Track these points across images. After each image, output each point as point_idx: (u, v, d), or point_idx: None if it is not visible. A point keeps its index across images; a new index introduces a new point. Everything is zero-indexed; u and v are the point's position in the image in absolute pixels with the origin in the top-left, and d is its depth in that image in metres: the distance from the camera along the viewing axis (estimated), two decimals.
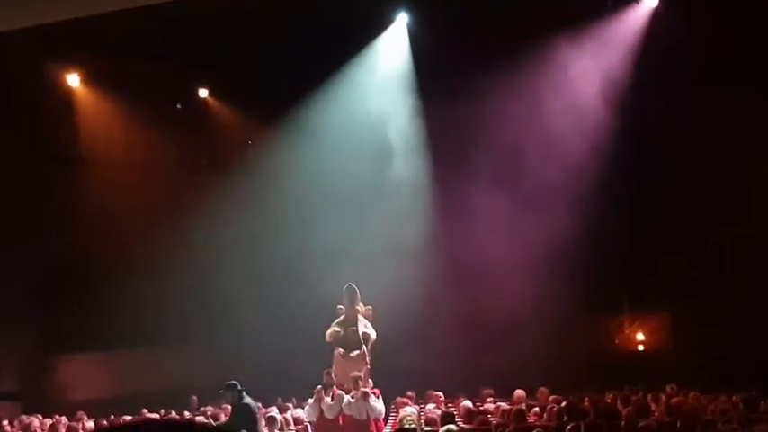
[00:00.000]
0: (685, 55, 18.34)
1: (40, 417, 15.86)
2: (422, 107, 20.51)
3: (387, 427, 15.13)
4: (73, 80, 19.85)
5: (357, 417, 14.44)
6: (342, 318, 15.63)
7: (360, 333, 15.46)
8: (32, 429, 14.96)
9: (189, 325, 19.13)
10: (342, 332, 15.43)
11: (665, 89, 18.83)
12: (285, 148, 20.36)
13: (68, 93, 19.88)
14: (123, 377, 19.73)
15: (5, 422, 15.63)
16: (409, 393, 16.70)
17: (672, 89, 18.77)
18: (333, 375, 14.94)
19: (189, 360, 19.65)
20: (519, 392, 15.91)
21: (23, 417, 15.92)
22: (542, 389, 16.12)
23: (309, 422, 14.89)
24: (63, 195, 19.41)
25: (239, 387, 13.30)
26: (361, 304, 15.80)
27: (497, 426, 13.27)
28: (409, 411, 14.05)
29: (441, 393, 16.75)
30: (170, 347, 19.86)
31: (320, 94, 20.19)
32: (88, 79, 19.86)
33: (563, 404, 13.77)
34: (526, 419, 13.54)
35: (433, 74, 19.98)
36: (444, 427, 11.22)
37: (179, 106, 21.28)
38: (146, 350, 19.86)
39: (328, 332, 15.45)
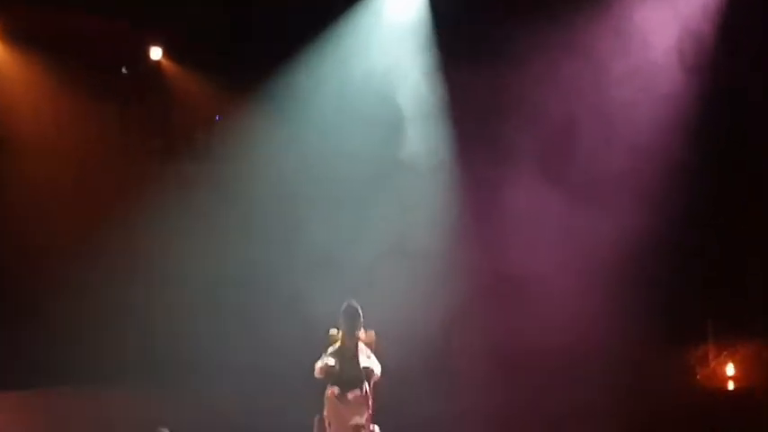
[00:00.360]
0: None
1: None
2: (441, 67, 19.50)
3: None
4: None
5: None
6: (337, 346, 14.18)
7: (361, 367, 14.01)
8: None
9: (131, 356, 18.34)
10: (337, 366, 13.98)
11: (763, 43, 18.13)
12: (263, 123, 19.44)
13: None
14: (42, 424, 18.43)
15: None
16: None
17: None
18: (327, 424, 13.71)
19: (129, 402, 18.36)
20: None
21: None
22: None
23: None
24: None
25: None
26: (362, 329, 14.38)
27: None
28: None
29: None
30: (106, 385, 18.71)
31: (310, 52, 19.30)
32: (7, 35, 19.03)
33: None
34: None
35: (457, 22, 19.18)
36: None
37: (124, 70, 20.34)
38: (75, 389, 18.69)
39: (318, 365, 13.98)
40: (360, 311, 14.19)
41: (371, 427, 13.95)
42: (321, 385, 14.01)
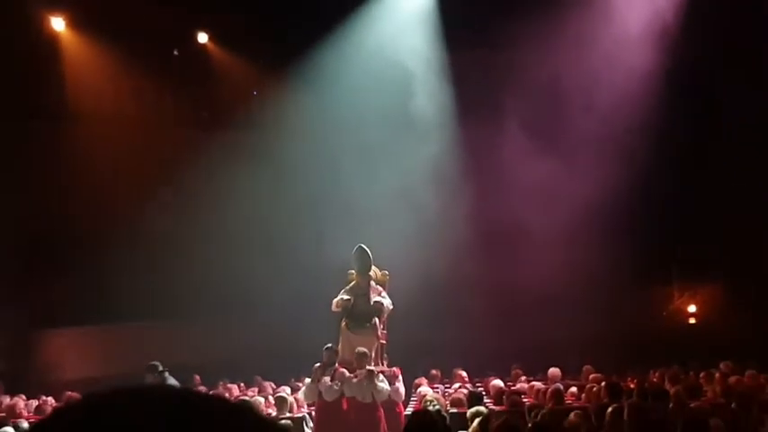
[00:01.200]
0: None
1: (24, 397, 15.59)
2: (447, 48, 20.14)
3: (408, 410, 14.18)
4: (57, 24, 19.52)
5: (361, 399, 13.43)
6: (352, 284, 14.67)
7: (372, 302, 14.47)
8: (17, 411, 14.51)
9: (188, 296, 18.75)
10: (351, 301, 14.45)
11: (722, 30, 18.51)
12: (294, 98, 20.08)
13: (52, 38, 19.56)
14: (116, 354, 19.41)
15: None
16: (434, 372, 16.56)
17: (731, 29, 18.49)
18: (336, 351, 14.18)
19: (189, 335, 19.42)
20: (554, 371, 15.70)
21: (6, 398, 15.64)
22: (587, 367, 15.96)
23: (308, 405, 14.24)
24: (46, 154, 19.09)
25: (160, 368, 13.38)
26: (375, 269, 14.78)
27: (531, 407, 12.66)
28: (424, 391, 13.73)
29: (465, 372, 16.61)
30: (168, 322, 19.58)
31: (333, 37, 19.88)
32: (74, 23, 19.53)
33: (603, 384, 13.36)
34: (563, 400, 13.30)
35: (461, 11, 19.50)
36: (473, 409, 10.83)
37: (176, 53, 20.99)
38: (141, 324, 19.62)
39: (335, 300, 14.50)
40: (369, 253, 14.42)
41: (384, 360, 14.31)
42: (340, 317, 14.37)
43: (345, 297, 14.43)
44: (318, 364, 13.81)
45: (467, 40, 19.75)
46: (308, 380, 14.07)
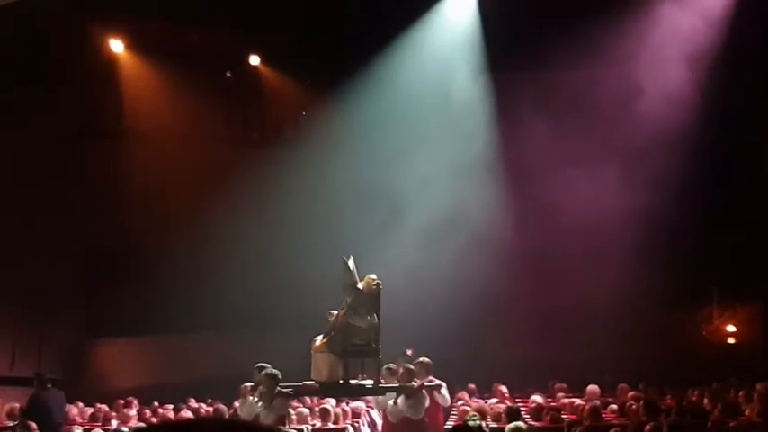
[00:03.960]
0: None
1: (81, 405, 15.72)
2: (491, 75, 20.13)
3: (449, 424, 13.89)
4: (116, 46, 19.70)
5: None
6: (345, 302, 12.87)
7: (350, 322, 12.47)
8: (72, 418, 14.71)
9: (238, 311, 18.86)
10: (331, 319, 12.79)
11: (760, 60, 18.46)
12: (342, 119, 20.05)
13: (111, 59, 19.75)
14: (168, 364, 19.61)
15: None
16: (471, 386, 16.32)
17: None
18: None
19: (237, 347, 19.10)
20: (592, 388, 15.26)
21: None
22: (622, 385, 15.59)
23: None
24: (104, 171, 19.29)
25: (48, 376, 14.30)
26: (370, 277, 12.74)
27: (570, 423, 12.74)
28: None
29: (505, 388, 16.20)
30: (218, 334, 19.68)
31: (380, 60, 19.88)
32: (132, 45, 19.72)
33: (642, 402, 13.14)
34: (602, 417, 13.05)
35: (503, 38, 19.55)
36: (512, 425, 10.57)
37: (228, 74, 21.17)
38: (192, 336, 19.76)
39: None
40: (351, 267, 12.53)
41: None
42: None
43: (332, 312, 12.87)
44: (248, 385, 12.99)
45: (508, 57, 19.68)
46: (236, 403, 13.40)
